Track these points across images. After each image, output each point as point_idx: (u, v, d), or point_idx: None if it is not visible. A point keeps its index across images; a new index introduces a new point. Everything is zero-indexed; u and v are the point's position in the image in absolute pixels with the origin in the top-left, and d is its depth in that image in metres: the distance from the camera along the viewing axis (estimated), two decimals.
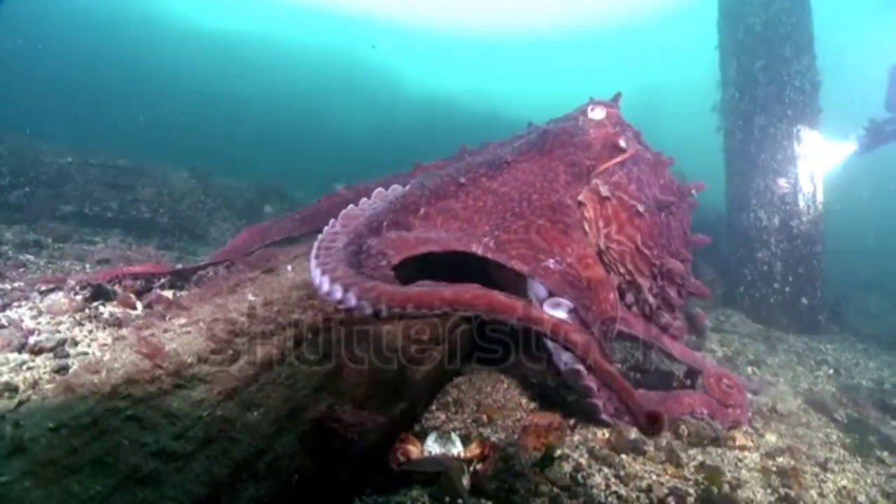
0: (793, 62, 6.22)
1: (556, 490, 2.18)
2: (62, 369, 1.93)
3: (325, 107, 25.35)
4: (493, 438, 2.56)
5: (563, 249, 2.55)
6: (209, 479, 1.51)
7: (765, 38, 6.30)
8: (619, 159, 2.92)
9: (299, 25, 31.05)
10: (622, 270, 2.90)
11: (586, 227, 2.82)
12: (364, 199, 2.41)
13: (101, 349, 2.13)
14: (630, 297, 3.05)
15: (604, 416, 2.70)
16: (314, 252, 1.86)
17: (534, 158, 2.85)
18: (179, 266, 3.32)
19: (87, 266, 4.09)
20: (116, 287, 2.79)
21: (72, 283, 2.60)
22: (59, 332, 2.25)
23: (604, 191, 2.81)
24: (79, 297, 2.57)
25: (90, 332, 2.30)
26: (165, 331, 2.05)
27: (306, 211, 3.78)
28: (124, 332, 2.23)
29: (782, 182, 5.94)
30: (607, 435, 2.67)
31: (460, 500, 2.04)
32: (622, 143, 2.96)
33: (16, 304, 2.71)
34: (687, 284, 3.19)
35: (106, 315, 2.46)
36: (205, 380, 1.72)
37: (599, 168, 2.88)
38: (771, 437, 2.99)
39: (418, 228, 2.46)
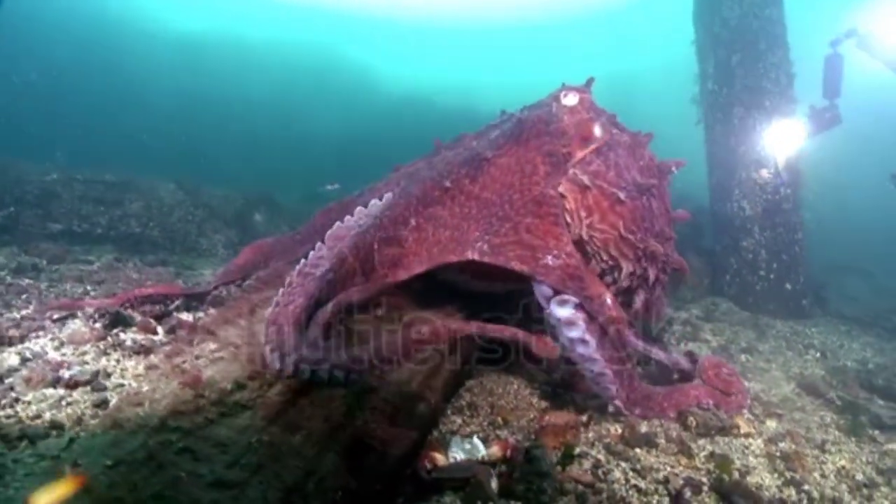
0: (768, 55, 6.41)
1: (580, 487, 2.28)
2: (102, 403, 1.96)
3: (299, 106, 25.09)
4: (511, 440, 2.65)
5: (559, 241, 2.55)
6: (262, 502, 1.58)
7: (740, 32, 6.48)
8: (592, 147, 2.88)
9: (265, 21, 30.59)
10: (605, 257, 2.89)
11: (567, 219, 2.80)
12: (348, 217, 2.40)
13: (136, 380, 2.16)
14: (609, 279, 3.05)
15: (616, 403, 2.77)
16: (276, 299, 2.00)
17: (511, 151, 2.81)
18: (192, 286, 3.34)
19: (89, 288, 4.08)
20: (131, 311, 2.81)
21: (89, 310, 2.61)
22: (86, 363, 2.27)
23: (583, 181, 2.79)
24: (98, 325, 2.58)
25: (118, 361, 2.32)
26: (197, 357, 2.10)
27: (304, 230, 3.78)
28: (155, 360, 2.26)
29: (763, 172, 6.14)
30: (620, 430, 2.79)
31: None
32: (596, 129, 2.93)
33: (33, 334, 2.72)
34: (670, 262, 3.18)
35: (129, 342, 2.48)
36: (247, 406, 1.78)
37: (576, 156, 2.85)
38: (771, 423, 3.14)
39: (411, 242, 2.47)
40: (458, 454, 2.41)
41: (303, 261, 2.13)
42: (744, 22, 6.46)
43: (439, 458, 2.35)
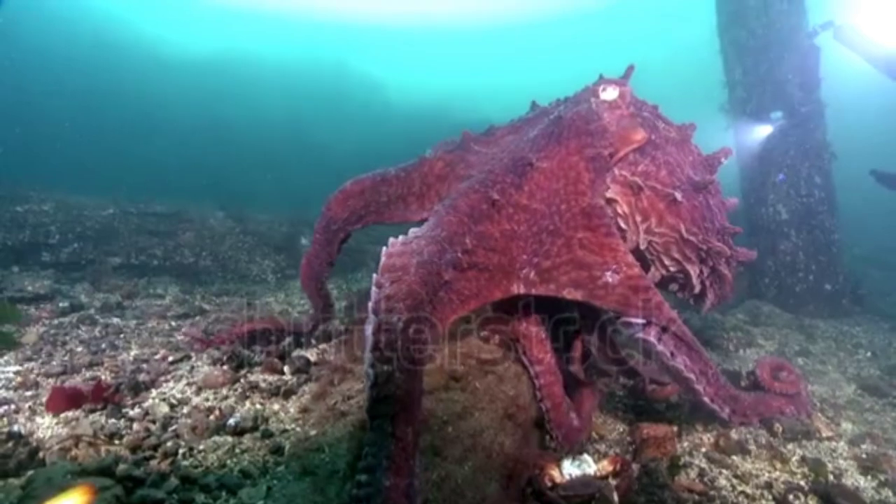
0: (794, 62, 6.60)
1: (695, 496, 2.46)
2: (278, 450, 2.11)
3: (313, 122, 25.42)
4: (611, 453, 2.84)
5: (616, 252, 2.29)
6: None
7: (766, 41, 6.68)
8: (633, 146, 2.70)
9: (274, 39, 30.98)
10: (668, 262, 2.76)
11: (622, 224, 2.68)
12: (401, 239, 2.01)
13: (297, 423, 2.31)
14: (675, 286, 2.98)
15: (705, 399, 2.63)
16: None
17: (553, 153, 2.54)
18: (293, 321, 3.52)
19: (173, 324, 4.28)
20: (242, 349, 2.98)
21: (216, 353, 2.80)
22: (234, 407, 2.45)
23: (635, 182, 2.62)
24: (225, 367, 2.77)
25: (261, 404, 2.50)
26: (347, 398, 2.28)
27: (402, 172, 3.14)
28: (306, 402, 2.42)
29: (795, 176, 6.32)
30: (713, 438, 2.97)
31: None
32: (638, 125, 2.76)
33: (161, 378, 2.91)
34: (735, 256, 2.96)
35: (263, 384, 2.66)
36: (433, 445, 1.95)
37: (618, 156, 2.68)
38: (847, 426, 3.32)
39: (466, 269, 2.09)
40: (572, 471, 2.58)
41: (371, 307, 1.74)
42: (770, 30, 6.66)
43: (556, 476, 2.53)
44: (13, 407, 2.63)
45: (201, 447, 2.11)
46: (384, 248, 1.91)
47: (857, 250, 9.40)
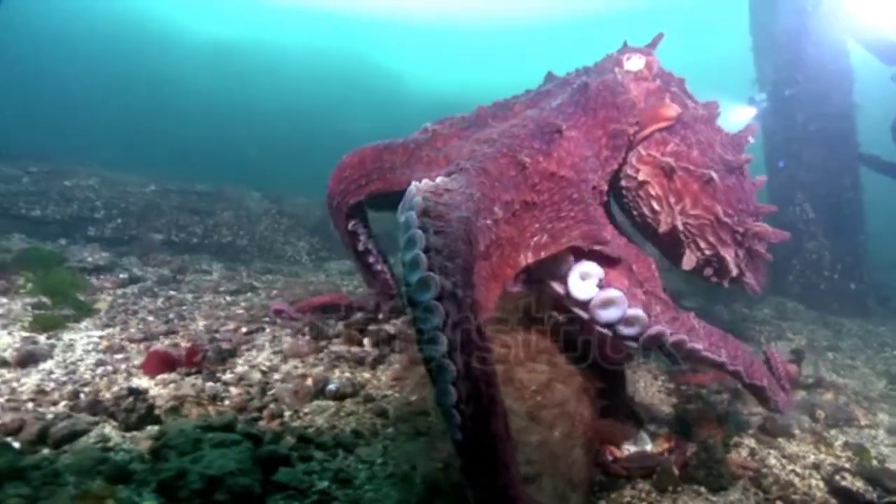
0: (826, 59, 6.69)
1: (750, 472, 2.64)
2: (382, 413, 2.27)
3: (332, 113, 25.60)
4: (661, 432, 3.01)
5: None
6: (552, 492, 1.93)
7: (800, 39, 6.77)
8: (660, 125, 2.55)
9: (295, 29, 31.19)
10: (703, 245, 2.66)
11: (655, 207, 2.57)
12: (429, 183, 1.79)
13: (394, 389, 2.48)
14: (710, 271, 2.83)
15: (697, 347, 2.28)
16: None
17: (580, 123, 2.37)
18: (353, 297, 3.69)
19: (229, 298, 4.45)
20: (319, 322, 3.16)
21: (297, 324, 2.96)
22: (325, 375, 2.61)
23: (667, 162, 2.49)
24: (307, 338, 2.94)
25: (351, 372, 2.68)
26: None
27: (411, 143, 2.81)
28: (394, 371, 2.58)
29: (825, 176, 6.45)
30: (760, 420, 3.14)
31: (679, 489, 2.49)
32: (668, 101, 2.59)
33: (242, 347, 3.08)
34: (769, 238, 2.86)
35: (347, 355, 2.83)
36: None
37: (643, 134, 2.55)
38: (883, 417, 3.48)
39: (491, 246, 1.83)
40: (630, 447, 2.75)
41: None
42: (803, 30, 6.75)
43: (616, 451, 2.71)
44: (110, 368, 2.80)
45: (306, 410, 2.28)
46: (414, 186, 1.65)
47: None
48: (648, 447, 2.77)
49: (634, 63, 2.63)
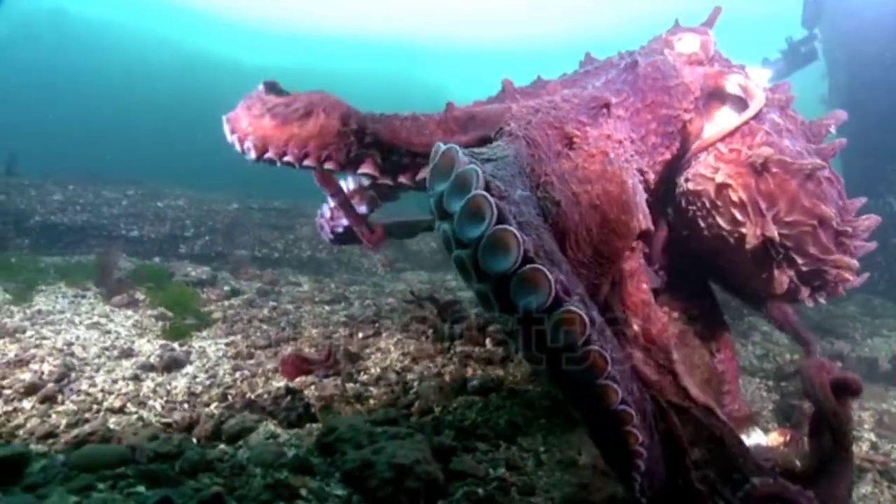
0: None
1: (878, 466, 2.60)
2: (529, 405, 2.37)
3: None
4: (771, 426, 3.01)
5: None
6: None
7: (873, 32, 6.62)
8: (750, 114, 2.14)
9: (341, 55, 32.85)
10: (801, 260, 2.14)
11: (737, 216, 2.08)
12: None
13: (530, 384, 2.61)
14: (805, 291, 2.29)
15: None
16: None
17: (628, 104, 2.07)
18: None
19: (327, 308, 4.64)
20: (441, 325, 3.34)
21: (415, 327, 3.11)
22: (461, 373, 2.75)
23: (758, 157, 2.04)
24: (430, 340, 3.09)
25: (482, 370, 2.80)
26: None
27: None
28: (526, 367, 2.70)
29: None
30: (876, 416, 3.10)
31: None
32: (729, 87, 2.21)
33: (367, 350, 3.23)
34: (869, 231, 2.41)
35: (473, 354, 2.96)
36: None
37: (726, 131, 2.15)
38: None
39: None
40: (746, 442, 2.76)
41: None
42: (877, 23, 6.60)
43: None
44: (247, 372, 2.99)
45: (454, 405, 2.40)
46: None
47: None
48: (763, 441, 2.78)
49: (687, 43, 2.30)
